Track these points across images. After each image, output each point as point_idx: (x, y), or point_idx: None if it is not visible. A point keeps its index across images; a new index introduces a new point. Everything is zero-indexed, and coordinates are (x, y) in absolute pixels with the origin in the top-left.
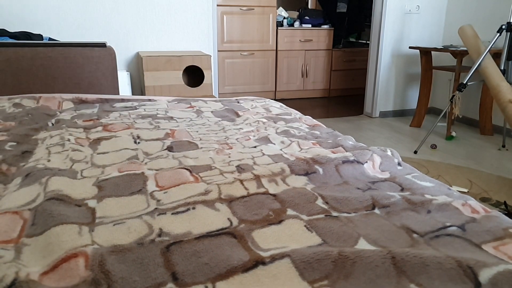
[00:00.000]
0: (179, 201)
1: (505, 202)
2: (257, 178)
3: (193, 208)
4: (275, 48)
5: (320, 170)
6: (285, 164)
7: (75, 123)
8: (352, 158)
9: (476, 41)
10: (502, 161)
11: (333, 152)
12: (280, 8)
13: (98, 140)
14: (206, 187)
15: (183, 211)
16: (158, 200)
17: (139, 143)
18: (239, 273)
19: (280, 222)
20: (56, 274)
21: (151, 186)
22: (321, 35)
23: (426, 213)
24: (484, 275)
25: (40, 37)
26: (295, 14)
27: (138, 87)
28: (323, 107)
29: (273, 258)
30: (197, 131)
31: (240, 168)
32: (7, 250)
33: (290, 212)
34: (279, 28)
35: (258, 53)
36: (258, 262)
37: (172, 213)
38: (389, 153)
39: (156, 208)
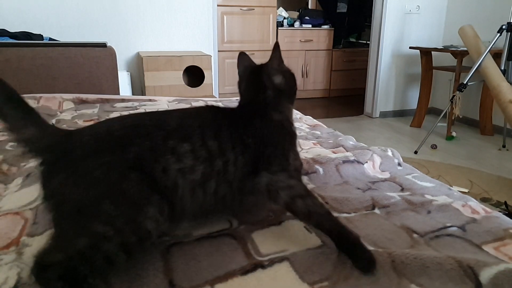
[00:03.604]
0: None
1: (505, 202)
2: None
3: None
4: None
5: (321, 170)
6: None
7: (76, 123)
8: (352, 158)
9: (477, 41)
10: (502, 161)
11: (334, 152)
12: (280, 8)
13: None
14: None
15: None
16: None
17: None
18: (238, 275)
19: (280, 223)
20: None
21: None
22: (321, 35)
23: (426, 213)
24: (485, 275)
25: (40, 37)
26: (295, 14)
27: (139, 87)
28: (323, 107)
29: (272, 262)
30: None
31: None
32: (8, 255)
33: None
34: (279, 28)
35: (258, 53)
36: (257, 266)
37: None
38: (389, 153)
39: None
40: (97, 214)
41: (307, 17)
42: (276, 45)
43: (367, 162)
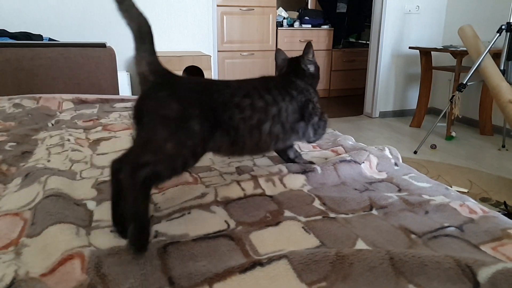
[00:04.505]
0: (174, 206)
1: (505, 202)
2: (254, 178)
3: (189, 213)
4: (275, 48)
5: (318, 169)
6: (283, 166)
7: (75, 124)
8: (349, 158)
9: (476, 41)
10: (502, 161)
11: (333, 151)
12: (280, 8)
13: (97, 141)
14: (204, 190)
15: (178, 217)
16: (155, 204)
17: None
18: (236, 274)
19: (277, 224)
20: (53, 277)
21: None
22: (321, 35)
23: (423, 213)
24: (483, 275)
25: (40, 37)
26: (295, 14)
27: (138, 88)
28: (323, 107)
29: (270, 260)
30: None
31: (240, 170)
32: (7, 254)
33: (287, 213)
34: (279, 28)
35: (258, 53)
36: (255, 264)
37: (167, 220)
38: (387, 151)
39: (151, 216)
40: (185, 127)
41: (306, 17)
42: (309, 44)
43: (363, 162)
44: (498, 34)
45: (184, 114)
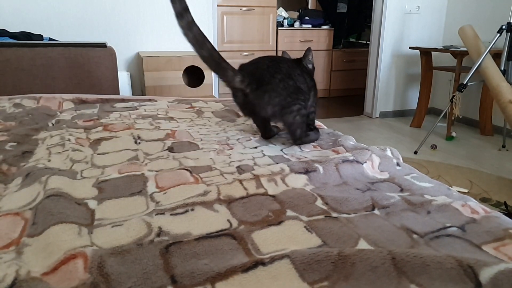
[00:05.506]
0: (177, 202)
1: (505, 202)
2: (256, 177)
3: (192, 210)
4: (275, 49)
5: (320, 168)
6: (285, 165)
7: (76, 123)
8: (351, 158)
9: (476, 41)
10: (502, 162)
11: (334, 151)
12: (280, 8)
13: (98, 141)
14: (205, 188)
15: (181, 213)
16: (157, 202)
17: (139, 143)
18: (238, 273)
19: (279, 223)
20: (55, 276)
21: (151, 187)
22: (321, 36)
23: (425, 213)
24: (485, 275)
25: (40, 37)
26: (295, 14)
27: (138, 88)
28: (323, 107)
29: (273, 259)
30: (197, 132)
31: (240, 169)
32: (8, 254)
33: (289, 213)
34: (279, 28)
35: (258, 54)
36: (257, 263)
37: (171, 214)
38: (388, 152)
39: (154, 210)
40: (295, 100)
41: (307, 17)
42: (309, 48)
43: (366, 162)
44: (498, 34)
45: (289, 98)
